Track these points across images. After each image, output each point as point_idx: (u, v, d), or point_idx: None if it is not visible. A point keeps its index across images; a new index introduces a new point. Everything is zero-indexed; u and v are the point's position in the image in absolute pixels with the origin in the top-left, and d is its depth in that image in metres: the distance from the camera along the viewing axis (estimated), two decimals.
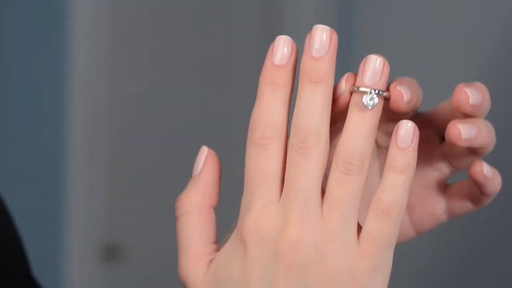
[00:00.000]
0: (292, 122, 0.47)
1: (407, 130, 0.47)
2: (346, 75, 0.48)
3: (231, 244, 0.48)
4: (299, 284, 0.46)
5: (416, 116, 0.55)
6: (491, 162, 0.54)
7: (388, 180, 0.47)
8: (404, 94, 0.49)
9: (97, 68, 1.78)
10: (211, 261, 0.49)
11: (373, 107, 0.47)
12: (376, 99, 0.47)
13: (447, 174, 0.56)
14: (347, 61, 1.83)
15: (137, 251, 1.87)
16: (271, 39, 0.49)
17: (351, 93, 0.48)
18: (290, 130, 0.48)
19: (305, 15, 1.88)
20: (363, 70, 0.47)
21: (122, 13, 1.84)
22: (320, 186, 0.47)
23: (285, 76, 0.48)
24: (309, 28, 0.48)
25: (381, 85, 0.47)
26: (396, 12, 1.79)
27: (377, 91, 0.47)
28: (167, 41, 1.90)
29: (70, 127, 1.76)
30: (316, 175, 0.47)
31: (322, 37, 0.47)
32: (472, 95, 0.51)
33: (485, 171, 0.52)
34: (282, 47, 0.48)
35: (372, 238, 0.47)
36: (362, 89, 0.47)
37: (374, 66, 0.47)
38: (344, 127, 0.47)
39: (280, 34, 0.48)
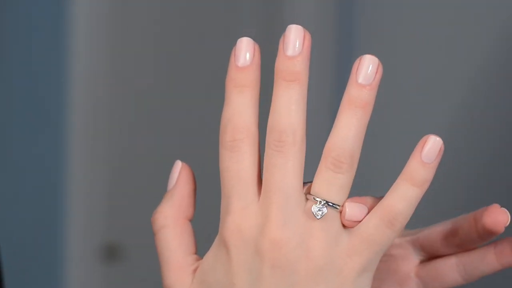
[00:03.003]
0: (268, 121, 0.47)
1: (433, 145, 0.47)
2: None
3: (214, 250, 0.48)
4: (285, 282, 0.46)
5: (401, 235, 0.55)
6: (491, 163, 0.54)
7: (403, 191, 0.47)
8: (348, 212, 0.47)
9: (97, 68, 1.78)
10: (194, 270, 0.49)
11: (321, 217, 0.46)
12: (325, 210, 0.46)
13: None
14: (347, 61, 1.83)
15: (137, 251, 1.87)
16: (272, 39, 0.50)
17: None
18: (263, 131, 0.48)
19: (305, 15, 1.88)
20: (357, 70, 0.47)
21: (122, 13, 1.84)
22: (300, 184, 0.47)
23: (250, 77, 0.48)
24: (309, 27, 0.48)
25: (336, 196, 0.47)
26: (396, 12, 1.79)
27: (329, 203, 0.47)
28: (167, 41, 1.90)
29: (70, 127, 1.75)
30: (294, 173, 0.47)
31: (295, 37, 0.47)
32: (509, 217, 0.51)
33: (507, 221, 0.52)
34: (245, 49, 0.48)
35: (371, 241, 0.47)
36: (316, 198, 0.47)
37: (368, 67, 0.47)
38: None
39: (280, 34, 0.49)
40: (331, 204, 0.46)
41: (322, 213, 0.46)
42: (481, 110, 1.62)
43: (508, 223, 0.51)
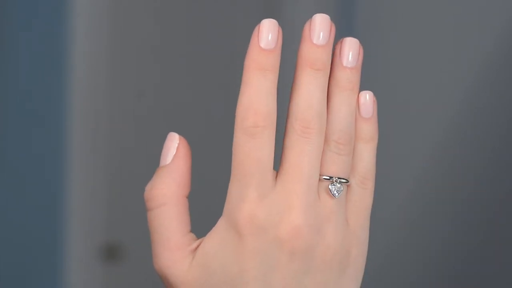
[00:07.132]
0: (292, 106, 0.47)
1: (367, 100, 0.48)
2: None
3: (221, 234, 0.47)
4: (302, 268, 0.46)
5: None
6: (491, 162, 0.54)
7: (359, 150, 0.48)
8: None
9: (97, 68, 1.78)
10: (193, 250, 0.48)
11: (339, 195, 0.47)
12: (341, 188, 0.47)
13: None
14: None
15: (137, 251, 1.87)
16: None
17: None
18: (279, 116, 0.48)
19: (305, 10, 1.89)
20: (340, 53, 0.48)
21: (123, 12, 1.84)
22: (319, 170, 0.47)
23: (274, 60, 0.47)
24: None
25: (343, 174, 0.48)
26: (397, 11, 1.79)
27: (342, 180, 0.48)
28: (167, 40, 1.90)
29: (70, 126, 1.75)
30: (318, 159, 0.47)
31: (323, 26, 0.47)
32: None
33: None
34: (269, 30, 0.47)
35: (357, 210, 0.48)
36: (324, 177, 0.47)
37: (350, 50, 0.48)
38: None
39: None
40: (343, 180, 0.47)
41: (340, 191, 0.47)
42: (481, 109, 1.62)
43: None
